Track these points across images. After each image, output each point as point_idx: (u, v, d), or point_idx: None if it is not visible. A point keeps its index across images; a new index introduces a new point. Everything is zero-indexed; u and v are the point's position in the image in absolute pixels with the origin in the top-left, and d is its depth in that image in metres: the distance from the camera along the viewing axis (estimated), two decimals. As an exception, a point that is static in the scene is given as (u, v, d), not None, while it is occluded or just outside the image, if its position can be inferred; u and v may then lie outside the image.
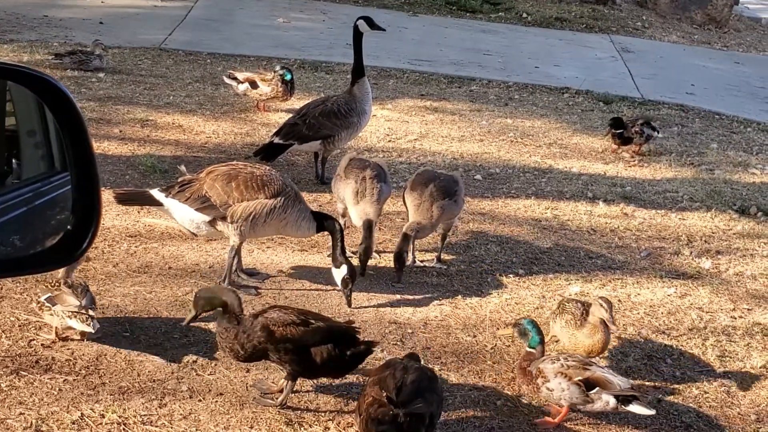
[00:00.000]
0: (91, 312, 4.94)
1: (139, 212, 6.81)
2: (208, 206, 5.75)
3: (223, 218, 5.76)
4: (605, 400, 4.65)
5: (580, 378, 4.66)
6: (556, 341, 5.43)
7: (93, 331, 4.93)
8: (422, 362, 4.76)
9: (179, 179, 5.96)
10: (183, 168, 6.19)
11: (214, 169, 5.92)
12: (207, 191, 5.75)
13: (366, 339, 4.90)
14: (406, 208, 6.47)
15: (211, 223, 5.80)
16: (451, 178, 6.60)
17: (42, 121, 2.55)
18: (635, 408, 4.66)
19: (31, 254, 2.41)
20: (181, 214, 5.80)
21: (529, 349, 4.87)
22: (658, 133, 9.55)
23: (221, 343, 4.71)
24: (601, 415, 4.93)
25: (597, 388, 4.65)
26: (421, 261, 6.63)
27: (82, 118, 2.28)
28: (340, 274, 5.78)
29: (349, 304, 5.83)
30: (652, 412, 4.74)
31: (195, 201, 5.74)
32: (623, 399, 4.65)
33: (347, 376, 4.94)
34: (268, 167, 6.09)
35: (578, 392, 4.65)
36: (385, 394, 4.21)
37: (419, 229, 6.24)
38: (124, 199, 5.98)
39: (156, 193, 5.82)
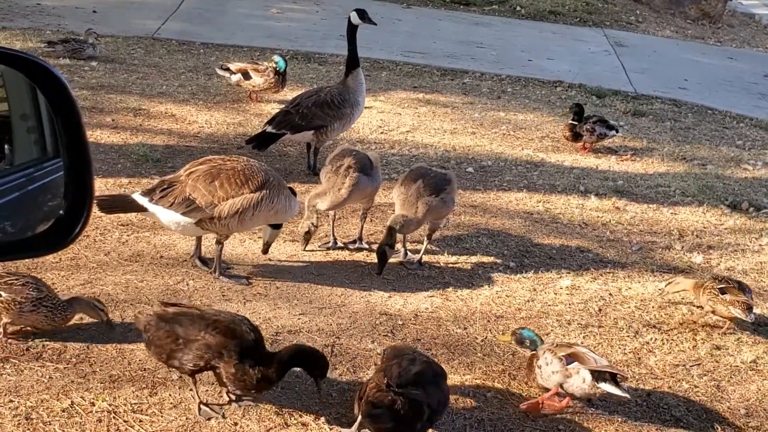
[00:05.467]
0: None
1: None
2: (194, 209, 5.63)
3: (210, 218, 5.68)
4: (582, 376, 4.76)
5: (563, 354, 4.86)
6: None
7: None
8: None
9: (159, 180, 5.82)
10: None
11: (194, 168, 5.77)
12: (190, 193, 5.62)
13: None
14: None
15: (198, 224, 5.72)
16: (443, 176, 6.44)
17: (35, 106, 2.54)
18: (607, 386, 4.73)
19: (23, 239, 2.41)
20: (167, 218, 5.67)
21: (533, 352, 5.06)
22: (616, 131, 9.32)
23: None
24: (589, 408, 4.95)
25: (575, 363, 4.79)
26: (408, 259, 6.54)
27: (76, 104, 2.27)
28: (274, 231, 6.06)
29: (265, 252, 6.20)
30: (626, 395, 4.77)
31: (179, 205, 5.61)
32: (598, 376, 4.73)
33: (336, 374, 4.94)
34: (246, 158, 5.98)
35: (559, 365, 4.82)
36: (385, 380, 4.24)
37: (404, 223, 6.10)
38: (106, 206, 5.72)
39: (139, 198, 5.64)
